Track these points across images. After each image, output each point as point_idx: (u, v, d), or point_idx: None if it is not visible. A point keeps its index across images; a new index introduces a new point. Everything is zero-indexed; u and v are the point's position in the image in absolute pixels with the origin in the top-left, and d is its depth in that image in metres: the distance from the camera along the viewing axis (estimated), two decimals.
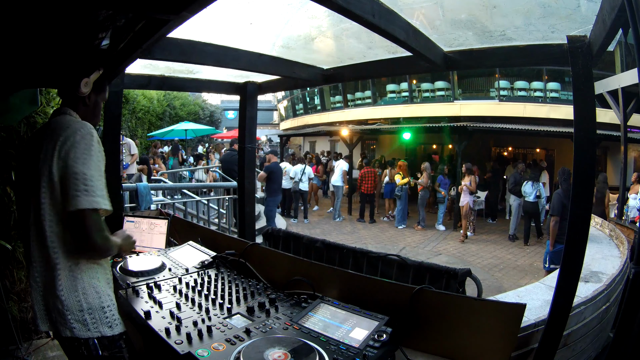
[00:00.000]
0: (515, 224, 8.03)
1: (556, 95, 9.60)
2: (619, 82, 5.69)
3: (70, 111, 1.38)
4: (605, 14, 1.28)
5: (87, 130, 1.28)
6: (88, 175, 1.22)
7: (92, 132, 1.29)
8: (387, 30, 1.43)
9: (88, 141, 1.26)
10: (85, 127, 1.29)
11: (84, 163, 1.23)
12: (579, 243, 1.35)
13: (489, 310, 1.20)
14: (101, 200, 1.24)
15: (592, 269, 2.84)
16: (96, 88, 1.44)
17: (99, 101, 1.49)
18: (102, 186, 1.25)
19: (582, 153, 1.33)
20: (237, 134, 3.07)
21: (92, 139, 1.27)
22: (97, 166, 1.26)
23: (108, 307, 1.28)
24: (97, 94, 1.46)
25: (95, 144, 1.28)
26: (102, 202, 1.24)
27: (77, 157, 1.22)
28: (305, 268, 1.61)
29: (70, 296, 1.23)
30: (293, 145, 21.86)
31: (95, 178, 1.24)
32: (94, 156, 1.25)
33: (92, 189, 1.21)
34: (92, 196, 1.21)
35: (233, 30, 1.84)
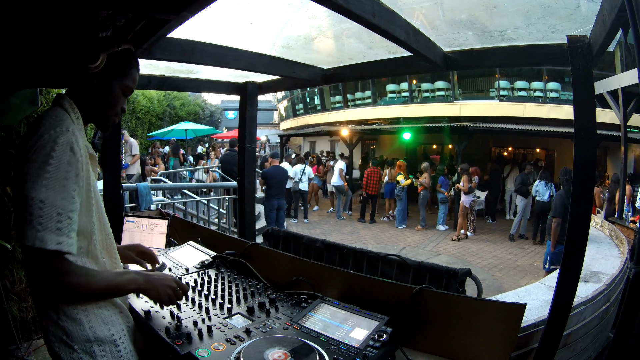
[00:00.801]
0: (518, 224, 8.04)
1: (556, 95, 9.60)
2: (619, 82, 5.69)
3: (65, 101, 1.07)
4: (605, 14, 1.28)
5: (53, 135, 0.94)
6: (35, 200, 0.89)
7: (57, 138, 0.94)
8: (387, 30, 1.43)
9: (47, 151, 0.92)
10: (53, 128, 0.96)
11: (33, 183, 0.90)
12: (579, 243, 1.35)
13: (489, 310, 1.20)
14: (49, 236, 0.89)
15: (592, 269, 2.84)
16: (112, 68, 1.10)
17: (115, 87, 1.12)
18: (56, 216, 0.90)
19: (582, 153, 1.33)
20: (237, 134, 3.07)
21: (55, 147, 0.93)
22: (54, 188, 0.91)
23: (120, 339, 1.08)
24: (112, 75, 1.11)
25: (57, 154, 0.93)
26: (50, 240, 0.89)
27: (28, 173, 0.91)
28: (305, 268, 1.61)
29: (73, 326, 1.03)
30: (293, 145, 21.87)
31: (47, 205, 0.89)
32: (51, 173, 0.91)
33: (37, 220, 0.88)
34: (36, 230, 0.88)
35: (233, 30, 1.84)
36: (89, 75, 1.07)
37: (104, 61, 1.07)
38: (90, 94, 1.10)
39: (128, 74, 1.15)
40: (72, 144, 0.97)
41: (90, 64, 1.05)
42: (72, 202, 0.95)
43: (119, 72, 1.12)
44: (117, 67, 1.11)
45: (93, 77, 1.08)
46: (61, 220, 0.92)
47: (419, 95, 11.66)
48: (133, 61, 1.16)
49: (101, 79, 1.09)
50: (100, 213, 1.14)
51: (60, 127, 0.97)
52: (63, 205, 0.93)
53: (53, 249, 0.90)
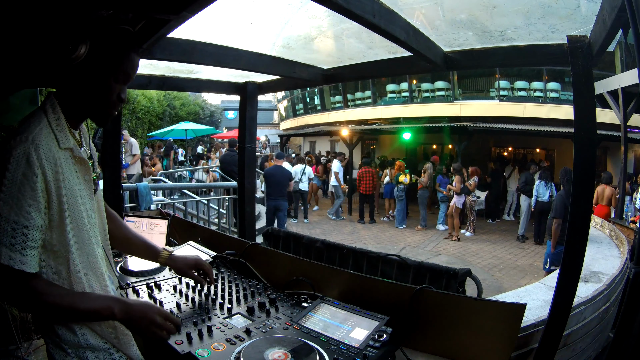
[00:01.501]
0: (525, 224, 8.05)
1: (556, 95, 9.61)
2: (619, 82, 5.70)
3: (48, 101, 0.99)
4: (605, 14, 1.28)
5: (11, 145, 0.89)
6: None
7: (13, 149, 0.88)
8: (388, 30, 1.43)
9: (3, 162, 0.88)
10: (14, 137, 0.90)
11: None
12: (579, 243, 1.35)
13: (489, 310, 1.20)
14: (3, 250, 0.86)
15: (592, 269, 2.84)
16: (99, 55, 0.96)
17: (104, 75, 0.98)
18: (10, 231, 0.87)
19: (582, 153, 1.33)
20: (237, 134, 3.07)
21: (10, 159, 0.88)
22: (8, 202, 0.87)
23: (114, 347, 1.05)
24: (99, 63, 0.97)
25: (12, 166, 0.88)
26: (3, 254, 0.86)
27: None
28: (305, 268, 1.61)
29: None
30: (293, 145, 21.87)
31: (2, 219, 0.87)
32: (5, 186, 0.87)
33: None
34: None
35: (233, 30, 1.84)
36: (73, 68, 0.96)
37: (87, 49, 0.94)
38: (77, 88, 0.99)
39: (120, 58, 0.99)
40: (28, 155, 0.88)
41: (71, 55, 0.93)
42: (27, 217, 0.89)
43: (108, 58, 0.98)
44: (104, 52, 0.97)
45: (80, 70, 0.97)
46: (15, 236, 0.87)
47: (419, 95, 11.67)
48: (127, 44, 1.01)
49: (86, 69, 0.97)
50: (81, 228, 1.00)
51: (22, 135, 0.90)
52: (17, 220, 0.88)
53: (5, 263, 0.86)
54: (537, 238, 7.66)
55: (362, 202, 9.75)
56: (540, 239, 7.50)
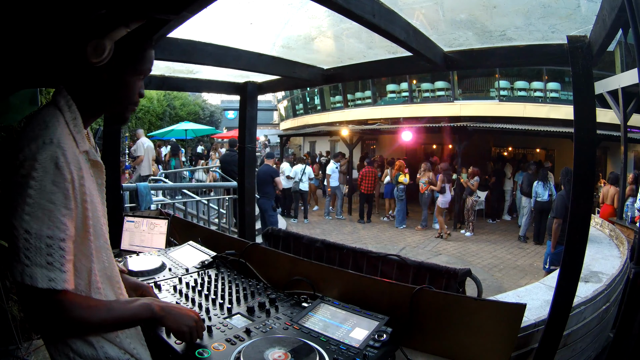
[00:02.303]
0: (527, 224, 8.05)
1: (556, 95, 9.61)
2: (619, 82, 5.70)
3: (61, 98, 0.89)
4: (605, 14, 1.28)
5: (32, 150, 0.79)
6: (19, 230, 0.77)
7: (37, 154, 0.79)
8: (388, 30, 1.43)
9: (26, 171, 0.78)
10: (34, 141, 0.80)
11: (14, 210, 0.77)
12: (579, 243, 1.35)
13: (489, 310, 1.20)
14: (39, 272, 0.76)
15: (592, 269, 2.84)
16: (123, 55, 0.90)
17: (128, 75, 0.94)
18: (45, 249, 0.77)
19: (582, 153, 1.33)
20: (237, 134, 3.07)
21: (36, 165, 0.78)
22: (38, 215, 0.77)
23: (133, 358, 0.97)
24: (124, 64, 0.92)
25: (39, 174, 0.78)
26: (41, 277, 0.76)
27: (7, 197, 0.79)
28: (305, 268, 1.61)
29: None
30: (293, 145, 21.87)
31: (33, 235, 0.77)
32: (32, 197, 0.77)
33: (24, 253, 0.76)
34: (23, 264, 0.76)
35: (233, 30, 1.84)
36: (94, 70, 0.88)
37: (112, 50, 0.88)
38: (100, 89, 0.92)
39: (143, 55, 0.95)
40: (56, 159, 0.79)
41: (93, 58, 0.86)
42: (63, 229, 0.80)
43: (133, 58, 0.93)
44: (129, 52, 0.92)
45: (101, 70, 0.89)
46: (51, 252, 0.78)
47: (419, 95, 11.67)
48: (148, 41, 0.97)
49: (112, 72, 0.90)
50: (99, 236, 0.95)
51: (43, 138, 0.81)
52: (52, 234, 0.78)
53: (44, 287, 0.77)
54: (537, 238, 7.66)
55: (362, 202, 9.76)
56: (540, 239, 7.49)
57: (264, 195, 6.51)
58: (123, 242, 2.24)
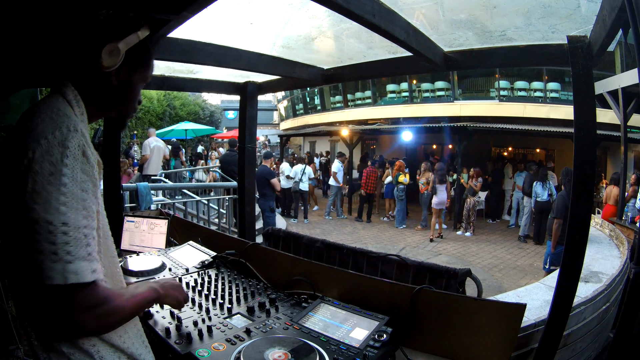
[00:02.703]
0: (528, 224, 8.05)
1: (556, 95, 9.61)
2: (619, 82, 5.70)
3: (69, 91, 0.86)
4: (605, 14, 1.28)
5: (59, 137, 0.75)
6: (55, 224, 0.70)
7: (66, 140, 0.75)
8: (388, 30, 1.43)
9: (56, 159, 0.73)
10: (58, 128, 0.76)
11: (48, 202, 0.71)
12: (579, 243, 1.35)
13: (489, 310, 1.20)
14: (83, 265, 0.72)
15: (592, 269, 2.84)
16: (132, 60, 0.92)
17: (136, 82, 0.96)
18: (84, 239, 0.74)
19: (582, 153, 1.33)
20: (237, 134, 3.07)
21: (66, 152, 0.74)
22: (73, 205, 0.73)
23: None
24: (132, 71, 0.93)
25: (70, 162, 0.74)
26: (85, 270, 0.73)
27: (34, 191, 0.71)
28: (305, 268, 1.61)
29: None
30: (293, 145, 21.88)
31: (71, 226, 0.72)
32: (67, 186, 0.73)
33: (64, 249, 0.71)
34: (65, 261, 0.70)
35: (233, 30, 1.85)
36: (104, 74, 0.89)
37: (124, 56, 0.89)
38: (107, 92, 0.92)
39: (148, 64, 0.99)
40: (84, 147, 0.78)
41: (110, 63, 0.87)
42: (93, 218, 0.78)
43: (140, 65, 0.95)
44: (137, 60, 0.94)
45: (110, 75, 0.90)
46: (89, 243, 0.75)
47: (419, 95, 11.66)
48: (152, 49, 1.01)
49: (120, 77, 0.91)
50: (107, 236, 0.95)
51: (67, 125, 0.77)
52: (87, 224, 0.76)
53: (90, 280, 0.73)
54: (537, 238, 7.66)
55: (362, 202, 9.77)
56: (541, 239, 7.49)
57: (262, 196, 6.52)
58: (123, 242, 2.24)
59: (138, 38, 0.91)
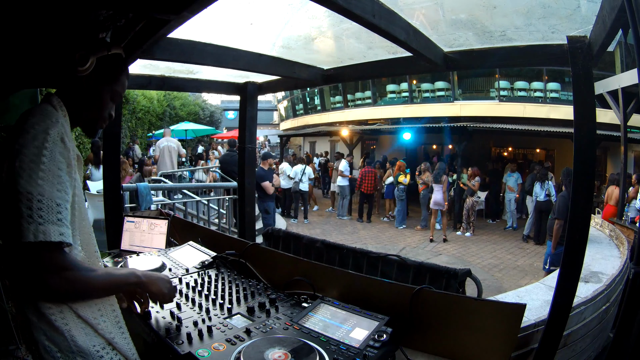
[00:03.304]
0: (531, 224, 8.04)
1: (556, 95, 9.61)
2: (619, 82, 5.70)
3: (54, 99, 1.03)
4: (605, 14, 1.28)
5: (43, 126, 0.92)
6: (33, 194, 0.87)
7: (49, 128, 0.92)
8: (388, 31, 1.43)
9: (39, 143, 0.90)
10: (43, 120, 0.93)
11: (29, 177, 0.87)
12: (579, 243, 1.35)
13: (489, 310, 1.20)
14: (52, 228, 0.86)
15: (592, 269, 2.84)
16: (102, 72, 1.08)
17: (103, 92, 1.10)
18: (56, 207, 0.89)
19: (582, 153, 1.33)
20: (237, 134, 3.07)
21: (48, 137, 0.91)
22: (50, 179, 0.89)
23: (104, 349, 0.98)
24: (101, 80, 1.08)
25: (49, 145, 0.91)
26: (53, 231, 0.86)
27: (21, 168, 0.88)
28: (305, 268, 1.61)
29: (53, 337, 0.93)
30: (293, 145, 21.87)
31: (45, 196, 0.88)
32: (45, 164, 0.89)
33: (37, 213, 0.86)
34: (37, 223, 0.86)
35: (233, 31, 1.85)
36: (77, 78, 1.05)
37: (93, 65, 1.05)
38: (78, 96, 1.07)
39: (118, 79, 1.13)
40: (62, 135, 0.94)
41: (79, 66, 1.03)
42: (67, 193, 0.93)
43: (109, 77, 1.10)
44: (106, 71, 1.09)
45: (82, 80, 1.06)
46: (60, 211, 0.90)
47: (419, 96, 11.67)
48: (123, 67, 1.15)
49: (90, 83, 1.07)
50: (84, 218, 1.05)
51: (50, 119, 0.95)
52: (60, 196, 0.91)
53: (57, 240, 0.87)
54: (537, 238, 7.66)
55: (362, 201, 9.77)
56: (541, 239, 7.49)
57: (258, 197, 6.53)
58: (123, 243, 2.24)
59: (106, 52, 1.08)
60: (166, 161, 8.47)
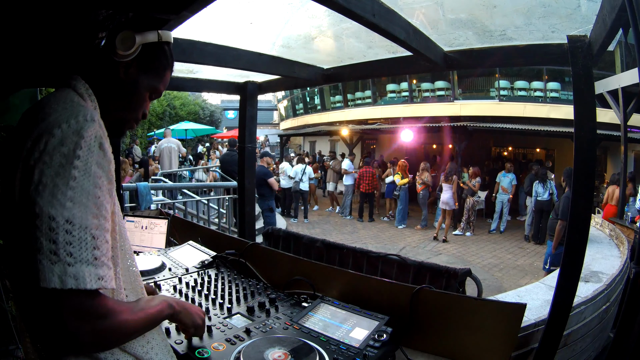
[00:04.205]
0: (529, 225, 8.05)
1: (556, 95, 9.61)
2: (619, 82, 5.69)
3: (81, 84, 0.80)
4: (605, 14, 1.28)
5: (74, 126, 0.67)
6: (58, 220, 0.63)
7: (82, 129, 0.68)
8: (388, 30, 1.43)
9: (69, 149, 0.66)
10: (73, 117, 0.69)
11: (52, 196, 0.63)
12: (579, 243, 1.35)
13: (490, 310, 1.20)
14: (86, 270, 0.64)
15: (592, 269, 2.84)
16: (147, 62, 0.87)
17: (143, 86, 0.88)
18: (91, 241, 0.65)
19: (582, 153, 1.33)
20: (237, 133, 3.07)
21: (81, 142, 0.67)
22: (83, 201, 0.65)
23: None
24: (143, 71, 0.87)
25: (84, 153, 0.67)
26: (89, 275, 0.64)
27: (41, 183, 0.64)
28: (305, 268, 1.61)
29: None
30: (293, 145, 21.88)
31: (76, 225, 0.64)
32: (77, 180, 0.65)
33: (65, 249, 0.62)
34: (65, 263, 0.62)
35: (233, 30, 1.84)
36: (113, 64, 0.83)
37: (138, 51, 0.84)
38: (109, 87, 0.84)
39: (163, 75, 0.92)
40: (101, 139, 0.70)
41: (120, 49, 0.81)
42: (107, 219, 0.70)
43: (152, 69, 0.89)
44: (152, 62, 0.88)
45: (119, 67, 0.84)
46: (98, 245, 0.66)
47: (419, 95, 11.67)
48: (170, 59, 0.94)
49: (129, 73, 0.85)
50: (125, 238, 0.88)
51: (84, 114, 0.70)
52: (98, 224, 0.67)
53: (94, 287, 0.64)
54: (537, 238, 7.65)
55: (362, 201, 9.77)
56: (541, 239, 7.49)
57: (260, 196, 6.52)
58: None
59: (158, 38, 0.87)
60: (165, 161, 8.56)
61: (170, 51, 0.93)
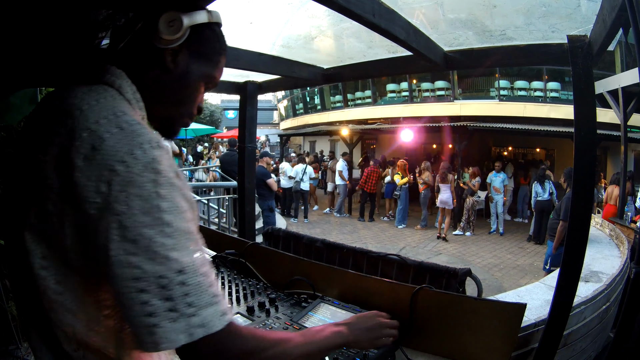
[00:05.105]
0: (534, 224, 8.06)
1: (556, 95, 9.61)
2: (619, 82, 5.69)
3: (124, 83, 0.64)
4: (605, 14, 1.28)
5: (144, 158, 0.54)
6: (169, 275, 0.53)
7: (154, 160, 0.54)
8: (388, 30, 1.43)
9: (148, 189, 0.53)
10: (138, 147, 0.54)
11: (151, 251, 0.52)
12: (579, 243, 1.35)
13: (490, 309, 1.20)
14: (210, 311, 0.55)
15: (592, 268, 2.84)
16: (197, 47, 0.72)
17: (196, 76, 0.73)
18: (205, 281, 0.56)
19: (583, 153, 1.33)
20: (237, 133, 3.07)
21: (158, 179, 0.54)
22: (183, 241, 0.55)
23: None
24: (194, 58, 0.72)
25: (167, 192, 0.55)
26: (214, 315, 0.55)
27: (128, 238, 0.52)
28: (305, 268, 1.61)
29: None
30: (293, 144, 21.88)
31: (189, 272, 0.54)
32: (173, 224, 0.54)
33: (184, 301, 0.53)
34: (188, 316, 0.53)
35: (233, 30, 1.84)
36: (157, 52, 0.67)
37: (187, 34, 0.68)
38: (157, 80, 0.69)
39: (216, 60, 0.78)
40: (175, 167, 0.59)
41: (165, 34, 0.66)
42: (204, 249, 0.60)
43: (205, 55, 0.74)
44: (202, 46, 0.73)
45: (165, 54, 0.68)
46: (212, 283, 0.57)
47: (419, 95, 11.67)
48: (224, 43, 0.80)
49: (178, 61, 0.69)
50: None
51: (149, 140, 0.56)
52: (203, 259, 0.58)
53: (223, 327, 0.56)
54: (537, 238, 7.65)
55: (364, 201, 9.77)
56: (541, 239, 7.49)
57: (259, 196, 6.53)
58: None
59: (209, 18, 0.72)
60: None
61: (222, 34, 0.80)
